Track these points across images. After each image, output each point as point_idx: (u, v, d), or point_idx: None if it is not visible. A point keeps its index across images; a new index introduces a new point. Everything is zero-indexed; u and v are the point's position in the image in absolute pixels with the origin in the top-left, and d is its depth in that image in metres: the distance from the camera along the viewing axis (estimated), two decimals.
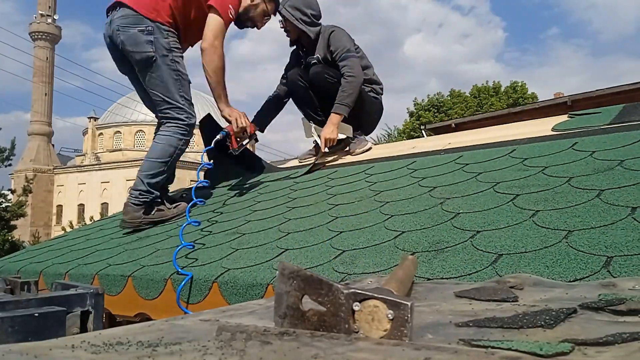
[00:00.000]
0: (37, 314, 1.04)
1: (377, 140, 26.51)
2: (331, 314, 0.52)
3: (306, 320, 0.53)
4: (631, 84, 10.05)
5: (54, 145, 47.85)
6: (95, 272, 1.93)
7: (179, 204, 2.61)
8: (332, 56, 3.02)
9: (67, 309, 1.12)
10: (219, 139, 2.62)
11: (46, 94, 46.46)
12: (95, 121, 46.17)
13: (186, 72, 2.59)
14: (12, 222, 15.59)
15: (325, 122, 3.10)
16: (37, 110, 46.03)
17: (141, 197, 2.50)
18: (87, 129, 46.70)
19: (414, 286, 0.84)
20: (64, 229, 20.48)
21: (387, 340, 0.49)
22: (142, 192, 2.50)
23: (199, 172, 2.59)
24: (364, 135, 3.15)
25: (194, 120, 2.62)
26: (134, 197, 2.50)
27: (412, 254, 1.28)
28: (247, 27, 2.84)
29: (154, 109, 2.68)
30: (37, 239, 19.04)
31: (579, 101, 10.38)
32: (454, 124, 12.40)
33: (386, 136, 27.52)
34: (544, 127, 2.38)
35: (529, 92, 30.00)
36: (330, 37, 3.02)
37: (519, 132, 2.42)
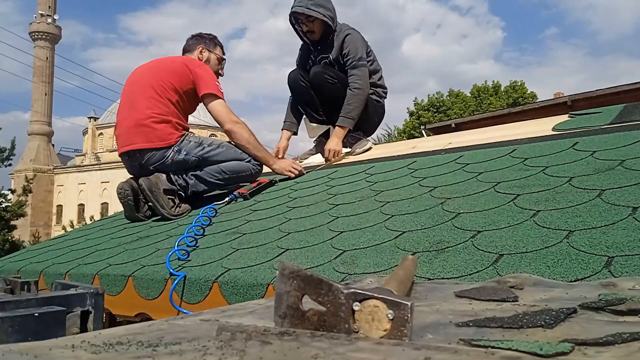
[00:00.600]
0: (37, 314, 1.04)
1: (377, 140, 26.52)
2: (331, 313, 0.52)
3: (306, 320, 0.53)
4: (631, 84, 10.05)
5: (54, 145, 47.89)
6: (95, 272, 1.93)
7: (183, 205, 2.61)
8: (343, 59, 3.02)
9: (67, 309, 1.12)
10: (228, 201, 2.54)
11: (46, 94, 46.50)
12: (95, 121, 46.23)
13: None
14: (12, 222, 15.61)
15: (325, 122, 3.10)
16: (37, 110, 46.07)
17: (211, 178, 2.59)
18: (87, 128, 46.74)
19: (414, 286, 0.84)
20: (64, 228, 20.48)
21: (387, 340, 0.48)
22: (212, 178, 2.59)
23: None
24: (364, 136, 3.15)
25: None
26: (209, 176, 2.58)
27: (412, 254, 1.28)
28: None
29: None
30: (37, 239, 19.07)
31: (579, 101, 10.38)
32: (454, 124, 12.39)
33: (386, 136, 27.54)
34: (544, 127, 2.38)
35: (528, 91, 30.00)
36: (345, 39, 3.01)
37: (520, 132, 2.43)
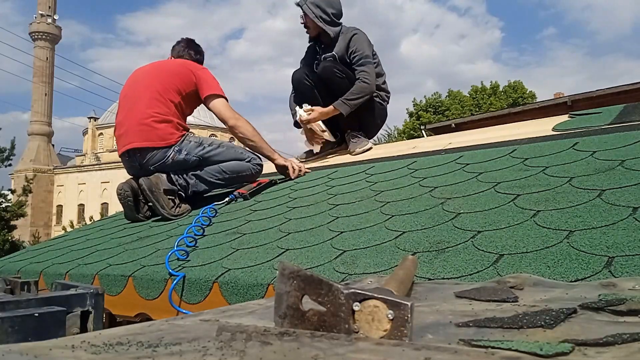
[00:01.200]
0: (37, 314, 1.04)
1: (377, 140, 26.45)
2: (331, 314, 0.52)
3: (306, 320, 0.53)
4: (631, 84, 10.05)
5: (54, 145, 47.89)
6: (95, 272, 1.93)
7: (183, 205, 2.61)
8: (349, 57, 3.03)
9: (67, 309, 1.12)
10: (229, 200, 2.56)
11: (46, 94, 46.50)
12: (95, 121, 46.22)
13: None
14: (12, 222, 15.62)
15: (326, 124, 3.11)
16: (37, 110, 46.08)
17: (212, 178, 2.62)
18: (87, 129, 46.73)
19: (414, 286, 0.84)
20: (64, 228, 20.48)
21: (387, 340, 0.48)
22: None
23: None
24: (366, 137, 3.16)
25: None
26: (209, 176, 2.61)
27: (412, 254, 1.28)
28: None
29: None
30: (37, 239, 19.06)
31: (579, 101, 10.38)
32: (454, 124, 12.39)
33: (386, 136, 27.52)
34: (544, 127, 2.38)
35: (528, 91, 29.97)
36: (352, 38, 3.04)
37: (520, 132, 2.43)
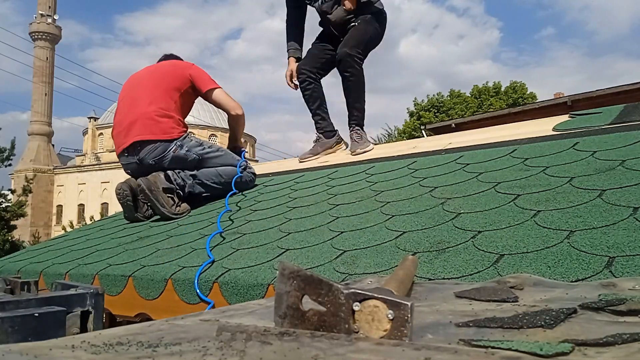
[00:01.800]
0: (37, 314, 1.04)
1: (377, 140, 26.53)
2: (331, 314, 0.52)
3: (306, 320, 0.53)
4: (631, 84, 10.04)
5: (54, 145, 47.88)
6: (95, 272, 1.93)
7: (183, 204, 2.61)
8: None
9: (67, 309, 1.12)
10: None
11: (46, 94, 46.48)
12: (95, 121, 46.20)
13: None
14: (12, 222, 15.61)
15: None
16: (37, 110, 46.05)
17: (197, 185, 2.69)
18: (87, 129, 46.71)
19: (414, 286, 0.84)
20: (64, 228, 20.46)
21: (387, 340, 0.48)
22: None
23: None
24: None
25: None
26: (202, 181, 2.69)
27: (412, 254, 1.28)
28: None
29: None
30: (37, 239, 19.05)
31: (579, 101, 10.37)
32: (454, 124, 12.38)
33: (386, 136, 27.54)
34: (544, 127, 2.38)
35: (528, 92, 29.94)
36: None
37: (520, 132, 2.42)
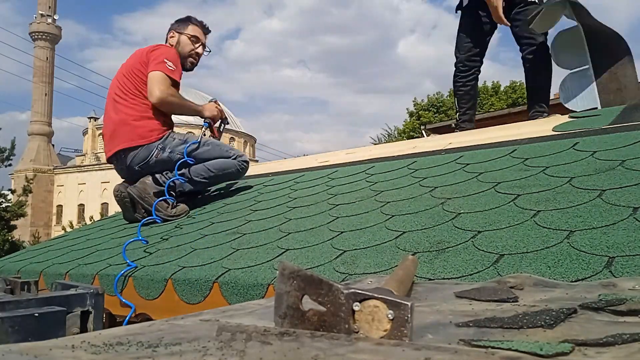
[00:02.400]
0: (37, 314, 1.04)
1: (377, 140, 26.54)
2: (331, 314, 0.52)
3: (306, 320, 0.53)
4: None
5: (54, 145, 47.87)
6: (95, 272, 1.93)
7: (180, 205, 2.61)
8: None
9: (67, 309, 1.12)
10: (204, 131, 2.78)
11: (46, 94, 46.46)
12: (95, 121, 46.17)
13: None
14: (12, 222, 15.62)
15: None
16: (37, 110, 46.03)
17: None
18: (87, 129, 46.69)
19: (415, 286, 0.84)
20: (64, 229, 20.47)
21: (387, 340, 0.48)
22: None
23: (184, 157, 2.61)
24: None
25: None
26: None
27: (412, 254, 1.28)
28: (193, 63, 2.86)
29: None
30: (37, 239, 19.05)
31: None
32: (454, 124, 12.36)
33: (386, 136, 27.53)
34: (544, 127, 2.38)
35: None
36: None
37: (520, 132, 2.42)
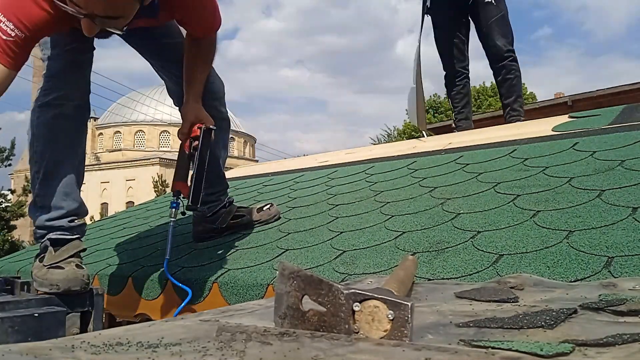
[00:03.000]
0: (37, 314, 1.04)
1: (376, 140, 26.53)
2: (331, 314, 0.52)
3: (306, 320, 0.53)
4: (631, 84, 10.02)
5: None
6: (95, 272, 1.93)
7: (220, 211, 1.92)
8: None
9: (67, 309, 1.12)
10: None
11: None
12: (94, 121, 46.15)
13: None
14: (12, 222, 15.61)
15: None
16: None
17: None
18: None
19: (415, 286, 0.84)
20: None
21: (387, 340, 0.48)
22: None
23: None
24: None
25: None
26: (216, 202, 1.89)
27: (412, 254, 1.28)
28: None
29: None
30: None
31: (579, 101, 10.33)
32: (453, 124, 12.37)
33: (386, 136, 27.52)
34: (544, 127, 2.38)
35: (528, 92, 29.90)
36: None
37: (519, 132, 2.42)
